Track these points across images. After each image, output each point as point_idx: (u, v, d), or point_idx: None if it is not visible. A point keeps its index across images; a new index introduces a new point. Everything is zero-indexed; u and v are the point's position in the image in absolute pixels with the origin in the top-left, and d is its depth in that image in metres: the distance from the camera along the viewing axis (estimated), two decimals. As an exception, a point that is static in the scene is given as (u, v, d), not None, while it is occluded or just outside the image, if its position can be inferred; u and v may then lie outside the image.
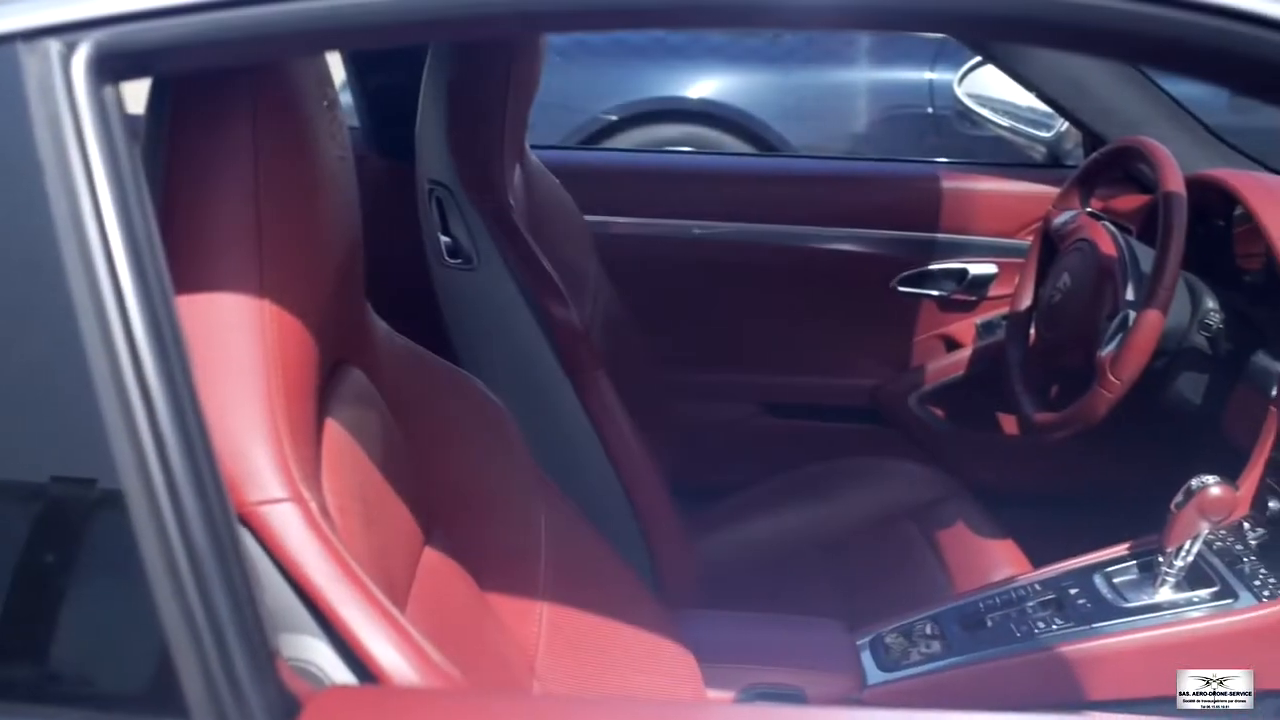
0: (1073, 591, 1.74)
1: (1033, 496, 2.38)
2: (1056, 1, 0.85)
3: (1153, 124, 2.22)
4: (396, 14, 0.87)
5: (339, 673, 0.96)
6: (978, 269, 2.46)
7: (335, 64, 2.34)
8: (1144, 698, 1.64)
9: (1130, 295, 1.80)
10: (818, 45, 4.59)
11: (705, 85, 4.45)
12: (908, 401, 2.50)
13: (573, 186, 2.23)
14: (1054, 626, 1.69)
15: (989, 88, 2.57)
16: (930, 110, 4.44)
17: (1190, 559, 1.67)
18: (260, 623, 0.88)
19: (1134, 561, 1.76)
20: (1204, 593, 1.66)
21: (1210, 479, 1.62)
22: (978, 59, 2.56)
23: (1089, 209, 2.11)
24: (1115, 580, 1.74)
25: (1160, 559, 1.68)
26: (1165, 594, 1.68)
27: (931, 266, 2.47)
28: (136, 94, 0.94)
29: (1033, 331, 2.11)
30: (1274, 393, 1.74)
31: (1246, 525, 1.73)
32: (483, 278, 1.86)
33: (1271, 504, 1.70)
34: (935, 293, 2.48)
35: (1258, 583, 1.64)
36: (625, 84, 4.48)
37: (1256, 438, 1.74)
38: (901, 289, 2.48)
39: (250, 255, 1.00)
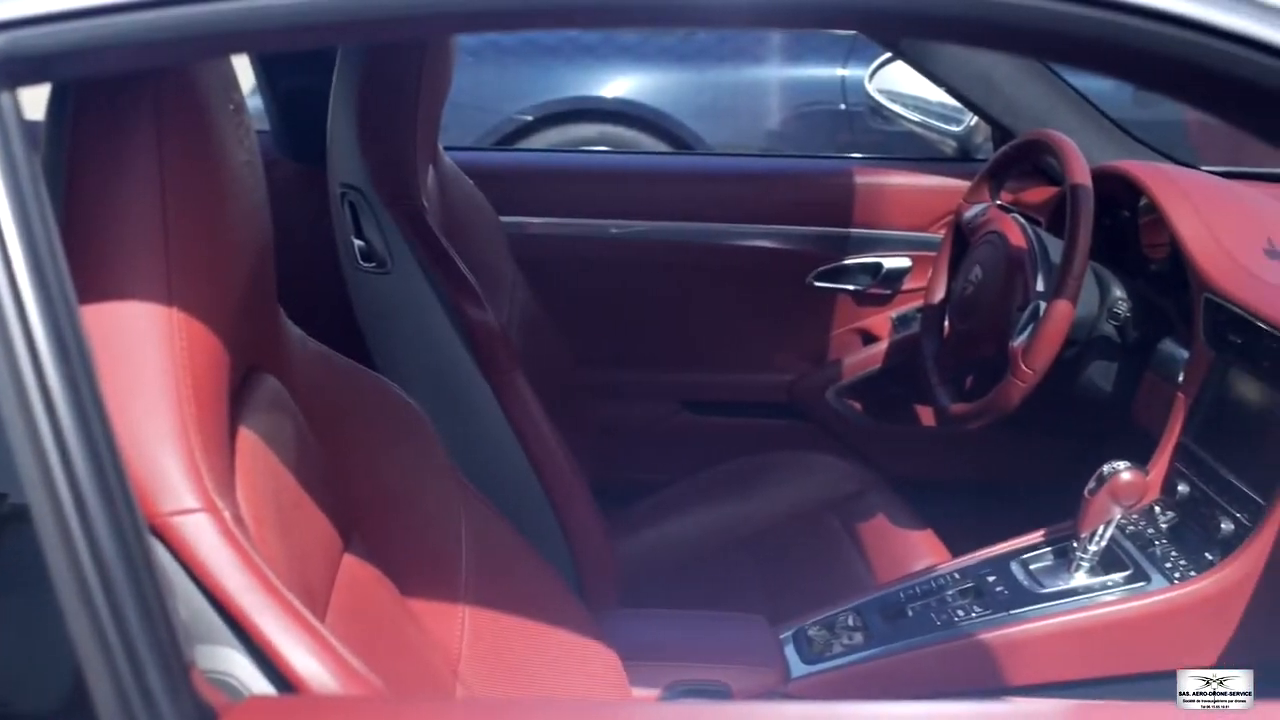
0: (991, 579, 1.77)
1: (950, 486, 2.41)
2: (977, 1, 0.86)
3: (1059, 118, 2.26)
4: (304, 16, 0.86)
5: (257, 683, 0.95)
6: (892, 263, 2.48)
7: (244, 68, 2.31)
8: (1062, 681, 1.67)
9: (1040, 286, 1.83)
10: (731, 43, 4.60)
11: (620, 84, 4.45)
12: (825, 396, 2.52)
13: (488, 187, 2.22)
14: (973, 614, 1.72)
15: (899, 84, 2.60)
16: (843, 106, 4.47)
17: (1104, 544, 1.70)
18: (174, 635, 0.86)
19: (1049, 548, 1.79)
20: (1117, 576, 1.69)
21: (1121, 464, 1.65)
22: (888, 55, 2.58)
23: (999, 202, 2.14)
24: (1032, 567, 1.77)
25: (1075, 544, 1.72)
26: (1080, 579, 1.71)
27: (846, 261, 2.48)
28: (35, 100, 0.92)
29: (946, 324, 2.14)
30: (1180, 379, 1.78)
31: (1157, 509, 1.77)
32: (397, 281, 1.84)
33: (1181, 487, 1.74)
34: (851, 287, 2.50)
35: (1169, 565, 1.67)
36: (539, 84, 4.46)
37: (1165, 423, 1.78)
38: (817, 284, 2.50)
39: (157, 262, 0.98)
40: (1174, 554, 1.69)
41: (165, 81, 0.98)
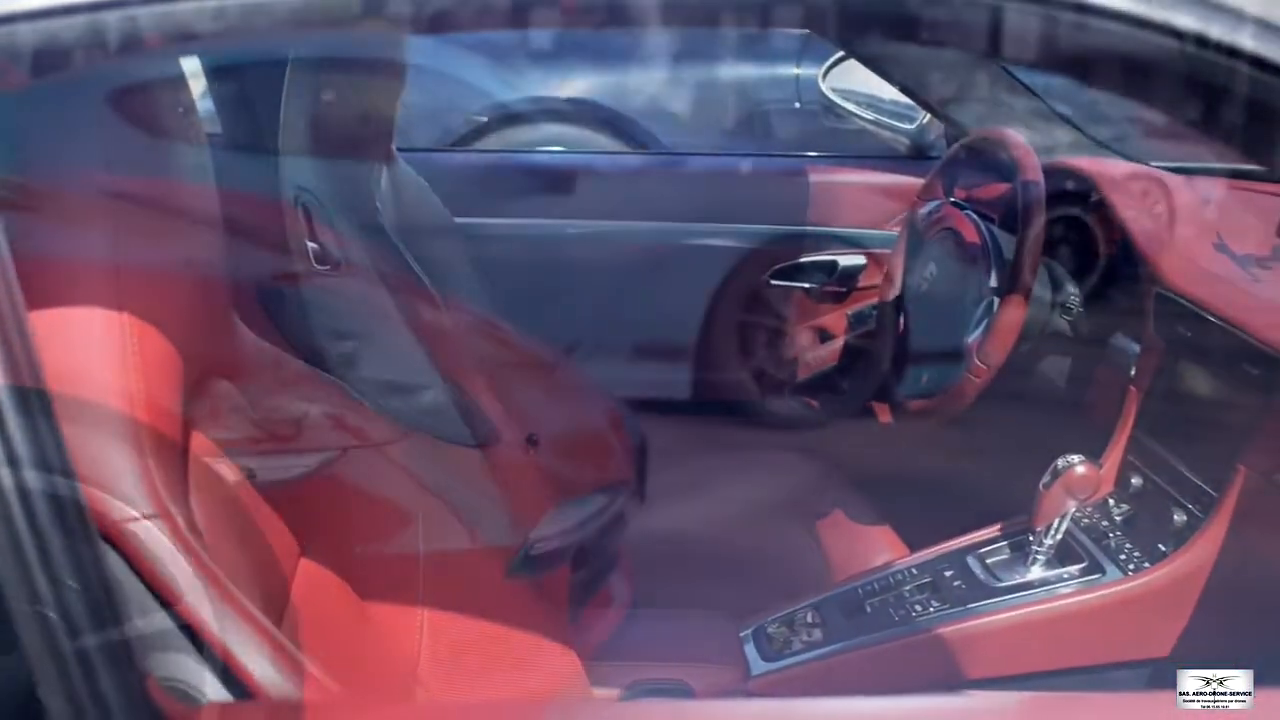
0: (948, 574, 1.78)
1: (907, 482, 2.42)
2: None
3: (1012, 115, 2.27)
4: (253, 17, 0.85)
5: (214, 690, 0.94)
6: (847, 261, 2.49)
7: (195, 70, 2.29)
8: (1020, 674, 1.68)
9: (994, 282, 1.85)
10: (686, 42, 4.60)
11: (574, 84, 4.44)
12: (783, 393, 2.53)
13: (442, 189, 2.21)
14: (931, 609, 1.73)
15: (853, 82, 2.61)
16: (798, 105, 4.48)
17: (1059, 537, 1.71)
18: (128, 644, 0.86)
19: (1005, 542, 1.80)
20: (1073, 569, 1.71)
21: (1075, 458, 1.66)
22: (840, 54, 2.59)
23: (952, 199, 2.15)
24: (988, 561, 1.78)
25: (1030, 538, 1.73)
26: (1036, 572, 1.72)
27: (802, 259, 2.49)
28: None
29: (902, 320, 2.15)
30: (1132, 372, 1.80)
31: (1111, 502, 1.78)
32: (352, 284, 1.83)
33: (1134, 480, 1.75)
34: (807, 285, 2.51)
35: (1123, 556, 1.69)
36: (494, 85, 4.45)
37: (1118, 416, 1.80)
38: (774, 282, 2.50)
39: (107, 269, 0.97)
40: (1128, 546, 1.70)
41: (113, 85, 0.97)
